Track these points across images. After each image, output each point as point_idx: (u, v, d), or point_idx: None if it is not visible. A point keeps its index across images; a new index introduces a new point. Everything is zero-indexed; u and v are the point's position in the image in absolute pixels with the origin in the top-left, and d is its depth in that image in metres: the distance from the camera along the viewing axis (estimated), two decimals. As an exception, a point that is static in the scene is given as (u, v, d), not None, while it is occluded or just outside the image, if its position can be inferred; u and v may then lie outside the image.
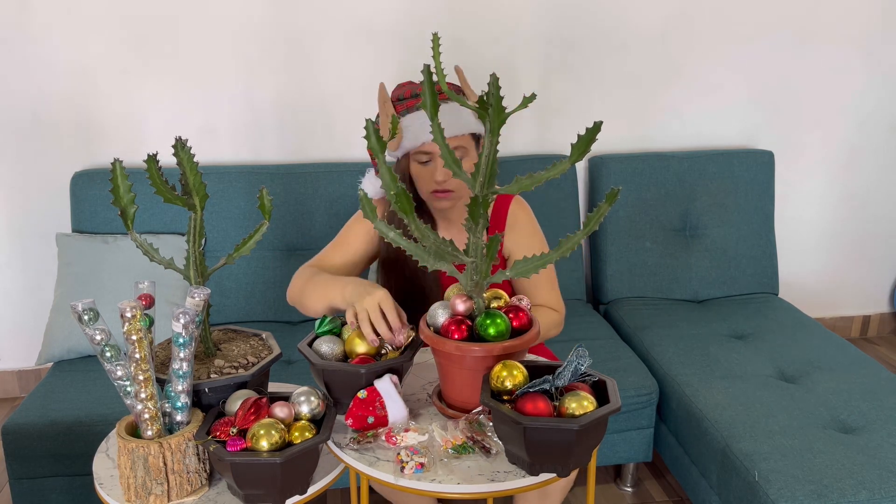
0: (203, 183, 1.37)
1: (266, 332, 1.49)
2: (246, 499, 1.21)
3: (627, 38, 2.80)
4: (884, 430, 1.94)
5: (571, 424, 1.15)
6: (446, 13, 2.66)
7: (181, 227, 2.51)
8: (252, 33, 2.59)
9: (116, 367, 1.23)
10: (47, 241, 2.62)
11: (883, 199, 3.17)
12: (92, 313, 1.21)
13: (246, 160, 2.69)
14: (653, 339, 2.47)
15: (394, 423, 1.33)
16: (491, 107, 1.27)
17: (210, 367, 1.36)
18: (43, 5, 2.48)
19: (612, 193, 1.30)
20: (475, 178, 1.32)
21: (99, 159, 2.63)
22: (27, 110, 2.56)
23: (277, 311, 2.57)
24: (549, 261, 1.36)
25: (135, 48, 2.55)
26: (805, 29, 2.91)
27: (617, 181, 2.75)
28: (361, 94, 2.67)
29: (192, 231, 1.37)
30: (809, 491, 1.73)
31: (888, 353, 3.26)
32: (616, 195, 1.30)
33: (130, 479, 1.23)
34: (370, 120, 1.33)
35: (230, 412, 1.27)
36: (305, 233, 2.56)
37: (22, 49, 2.50)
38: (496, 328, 1.34)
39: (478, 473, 1.23)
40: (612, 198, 1.30)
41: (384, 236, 1.35)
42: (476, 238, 1.33)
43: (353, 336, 1.42)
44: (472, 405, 1.36)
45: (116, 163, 1.28)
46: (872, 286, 3.34)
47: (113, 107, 2.60)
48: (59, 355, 2.32)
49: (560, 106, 2.83)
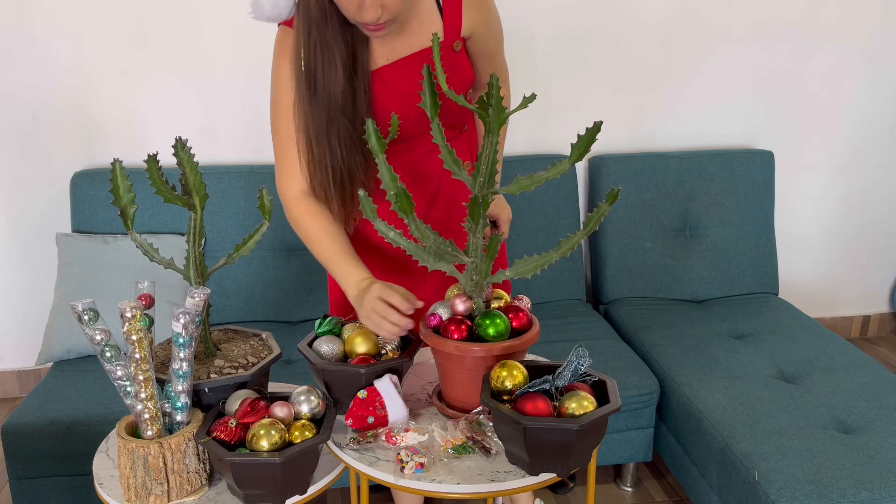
0: (203, 183, 1.37)
1: (266, 332, 1.49)
2: (246, 499, 1.21)
3: (627, 38, 2.80)
4: (884, 430, 1.94)
5: (571, 424, 1.15)
6: (446, 13, 2.66)
7: (181, 227, 2.51)
8: (252, 33, 2.59)
9: (116, 367, 1.23)
10: (47, 241, 2.62)
11: (883, 199, 3.17)
12: (92, 313, 1.21)
13: (246, 160, 2.68)
14: (653, 339, 2.47)
15: (394, 423, 1.33)
16: (491, 107, 1.27)
17: (210, 367, 1.36)
18: (43, 5, 2.47)
19: (612, 193, 1.30)
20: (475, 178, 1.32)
21: (99, 159, 2.62)
22: (27, 110, 2.56)
23: (277, 311, 2.57)
24: (549, 261, 1.36)
25: (135, 48, 2.55)
26: (805, 29, 2.91)
27: (617, 181, 2.75)
28: (361, 94, 2.67)
29: (192, 231, 1.37)
30: (809, 491, 1.73)
31: (888, 353, 3.26)
32: (616, 195, 1.30)
33: (130, 479, 1.22)
34: (370, 120, 1.33)
35: (230, 412, 1.27)
36: (305, 233, 2.56)
37: (22, 49, 2.50)
38: (496, 328, 1.34)
39: (478, 473, 1.23)
40: (612, 198, 1.30)
41: (384, 236, 1.35)
42: (476, 238, 1.33)
43: (353, 336, 1.42)
44: (472, 405, 1.36)
45: (116, 163, 1.28)
46: (872, 286, 3.34)
47: (113, 107, 2.60)
48: (59, 355, 2.32)
49: (560, 106, 2.83)
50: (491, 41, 1.62)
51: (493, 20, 1.61)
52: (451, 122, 1.58)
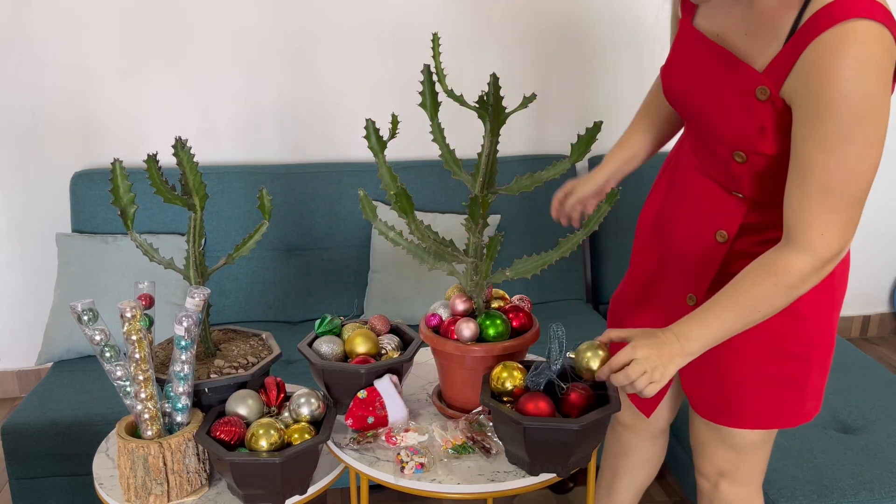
0: (203, 183, 1.37)
1: (266, 332, 1.50)
2: (246, 499, 1.21)
3: (627, 37, 2.80)
4: (884, 430, 1.94)
5: (571, 424, 1.15)
6: (446, 13, 2.66)
7: (181, 227, 2.51)
8: (252, 33, 2.59)
9: (116, 368, 1.23)
10: (47, 241, 2.62)
11: (882, 199, 3.17)
12: (91, 313, 1.21)
13: (246, 160, 2.68)
14: (653, 339, 2.46)
15: (394, 423, 1.33)
16: (491, 107, 1.27)
17: (210, 367, 1.36)
18: (43, 5, 2.47)
19: (612, 193, 1.30)
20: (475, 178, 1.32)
21: (99, 159, 2.62)
22: (27, 110, 2.56)
23: (277, 311, 2.57)
24: (549, 261, 1.36)
25: (135, 48, 2.55)
26: (805, 29, 2.91)
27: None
28: (361, 94, 2.67)
29: (191, 231, 1.37)
30: (809, 491, 1.73)
31: (888, 353, 3.26)
32: (616, 195, 1.30)
33: (130, 480, 1.23)
34: (370, 120, 1.34)
35: (230, 412, 1.27)
36: (305, 233, 2.56)
37: (22, 49, 2.50)
38: (496, 328, 1.34)
39: (478, 473, 1.23)
40: (612, 198, 1.31)
41: (384, 236, 1.35)
42: (476, 238, 1.33)
43: (353, 336, 1.42)
44: (472, 405, 1.36)
45: (116, 163, 1.29)
46: (872, 286, 3.34)
47: (113, 107, 2.60)
48: (59, 355, 2.32)
49: (560, 106, 2.83)
50: (805, 122, 1.10)
51: (828, 99, 1.06)
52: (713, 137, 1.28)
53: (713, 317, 1.20)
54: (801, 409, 1.38)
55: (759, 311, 1.19)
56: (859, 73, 1.05)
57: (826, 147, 1.08)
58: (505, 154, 2.71)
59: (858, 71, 1.05)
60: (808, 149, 1.10)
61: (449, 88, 1.32)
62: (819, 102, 1.08)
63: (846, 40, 1.04)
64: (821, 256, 1.14)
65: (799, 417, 1.38)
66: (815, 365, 1.35)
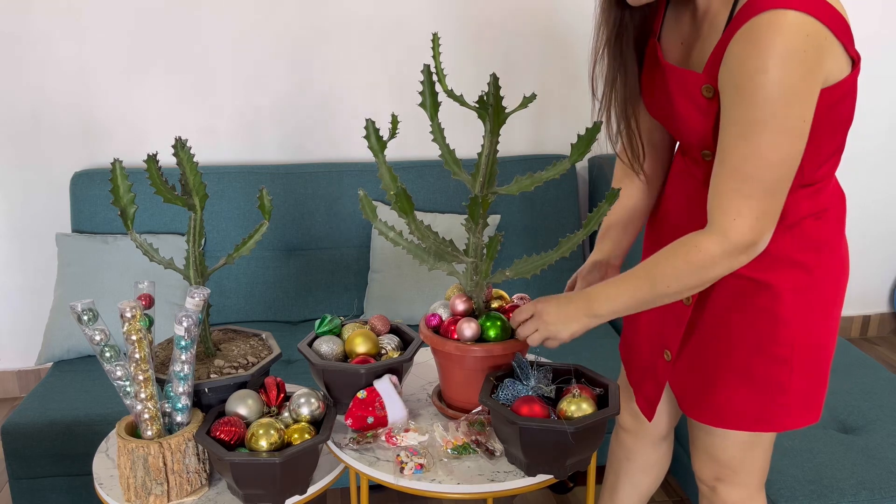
0: (203, 183, 1.37)
1: (266, 332, 1.50)
2: (246, 499, 1.21)
3: (627, 38, 2.80)
4: (884, 430, 1.94)
5: (566, 425, 1.15)
6: (446, 13, 2.66)
7: (181, 227, 2.51)
8: (252, 33, 2.59)
9: (116, 368, 1.23)
10: (47, 241, 2.62)
11: (882, 199, 3.17)
12: (91, 313, 1.21)
13: (245, 160, 2.68)
14: (653, 339, 2.46)
15: (393, 423, 1.33)
16: (491, 107, 1.27)
17: (210, 367, 1.36)
18: (43, 5, 2.47)
19: (612, 193, 1.31)
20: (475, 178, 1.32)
21: (99, 159, 2.62)
22: (27, 110, 2.56)
23: (277, 311, 2.57)
24: (549, 261, 1.36)
25: (135, 48, 2.55)
26: (805, 29, 2.90)
27: (617, 181, 2.75)
28: (361, 94, 2.67)
29: (191, 231, 1.37)
30: (809, 491, 1.73)
31: (888, 353, 3.26)
32: (616, 195, 1.31)
33: (130, 480, 1.23)
34: (370, 120, 1.34)
35: (230, 412, 1.27)
36: (305, 233, 2.56)
37: (22, 49, 2.50)
38: (496, 329, 1.34)
39: (478, 474, 1.23)
40: (612, 198, 1.31)
41: (384, 236, 1.35)
42: (476, 238, 1.33)
43: (353, 336, 1.42)
44: (472, 405, 1.36)
45: (116, 163, 1.29)
46: (872, 286, 3.34)
47: (113, 107, 2.60)
48: (59, 355, 2.32)
49: (560, 106, 2.83)
50: (726, 109, 1.12)
51: (744, 86, 1.08)
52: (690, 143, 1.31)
53: (626, 283, 1.25)
54: (788, 414, 1.34)
55: (669, 286, 1.21)
56: (776, 60, 1.05)
57: (743, 134, 1.10)
58: (505, 154, 2.71)
59: (775, 59, 1.05)
60: (728, 135, 1.13)
61: (449, 88, 1.32)
62: (737, 90, 1.09)
63: (765, 29, 1.05)
64: (732, 241, 1.15)
65: (785, 422, 1.36)
66: (796, 367, 1.32)
